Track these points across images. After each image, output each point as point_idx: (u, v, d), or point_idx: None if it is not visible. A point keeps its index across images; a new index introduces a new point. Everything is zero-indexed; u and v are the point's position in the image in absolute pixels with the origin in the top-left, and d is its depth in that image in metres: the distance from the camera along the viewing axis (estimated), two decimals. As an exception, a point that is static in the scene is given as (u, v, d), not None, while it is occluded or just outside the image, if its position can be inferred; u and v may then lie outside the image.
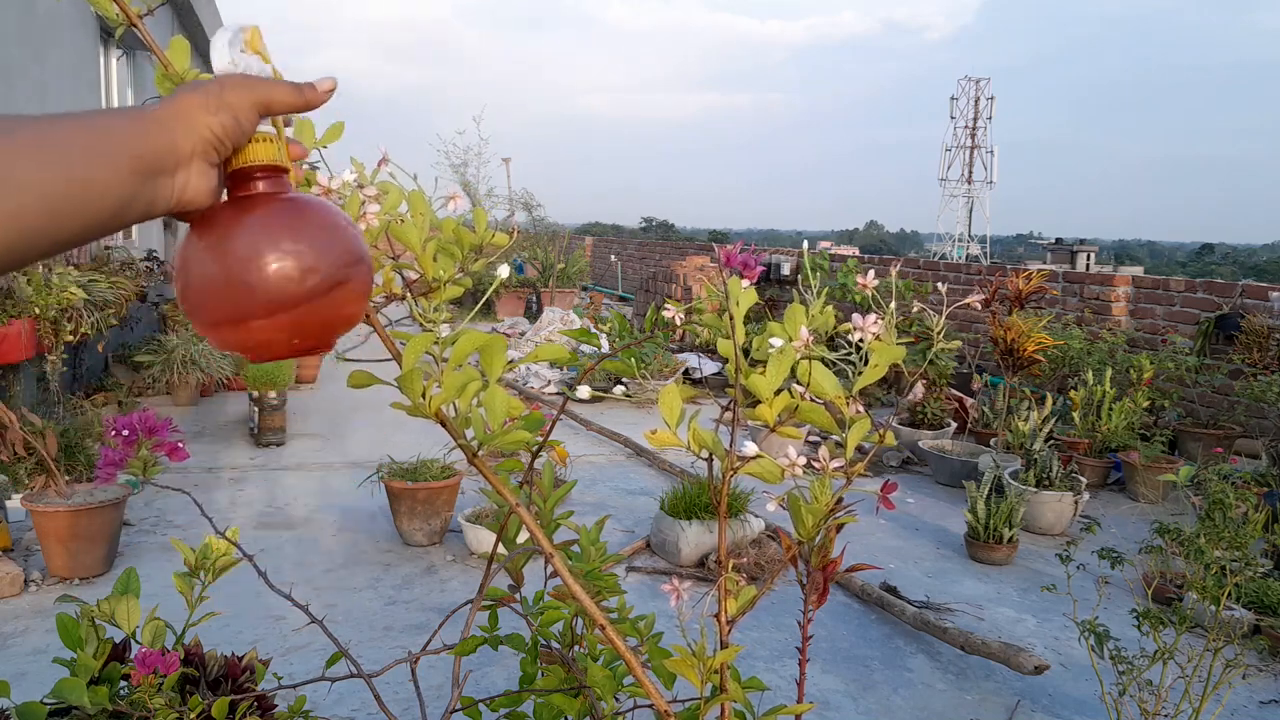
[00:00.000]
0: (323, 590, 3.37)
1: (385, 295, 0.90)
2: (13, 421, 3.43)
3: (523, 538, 1.24)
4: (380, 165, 0.86)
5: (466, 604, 1.11)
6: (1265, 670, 2.96)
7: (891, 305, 0.90)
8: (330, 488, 4.65)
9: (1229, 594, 2.31)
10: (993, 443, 4.97)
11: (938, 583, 3.66)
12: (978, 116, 67.30)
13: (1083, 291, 6.87)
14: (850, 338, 0.87)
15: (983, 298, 1.71)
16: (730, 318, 0.88)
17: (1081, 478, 4.35)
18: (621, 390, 6.86)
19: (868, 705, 2.69)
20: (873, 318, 0.87)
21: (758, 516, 3.81)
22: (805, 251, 1.33)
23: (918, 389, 5.78)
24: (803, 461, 0.87)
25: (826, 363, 0.88)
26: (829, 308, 0.89)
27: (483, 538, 3.64)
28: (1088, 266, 33.55)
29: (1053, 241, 45.38)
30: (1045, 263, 23.73)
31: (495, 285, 0.94)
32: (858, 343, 0.88)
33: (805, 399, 0.87)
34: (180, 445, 1.32)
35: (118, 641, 1.34)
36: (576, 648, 1.25)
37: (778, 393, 0.87)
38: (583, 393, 0.93)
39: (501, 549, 1.14)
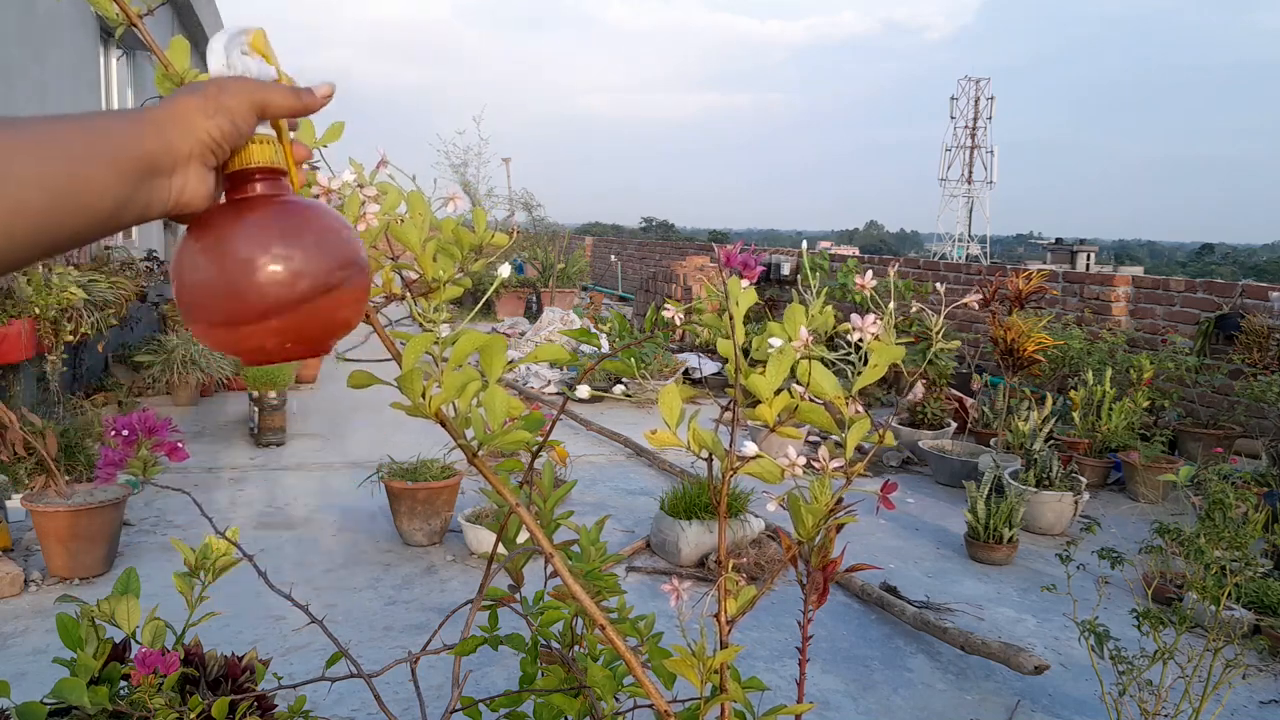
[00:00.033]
0: (323, 590, 3.37)
1: (385, 295, 0.90)
2: (13, 421, 3.43)
3: (523, 538, 1.24)
4: (379, 167, 0.86)
5: (466, 604, 1.11)
6: (1265, 670, 2.96)
7: (891, 305, 0.90)
8: (330, 488, 4.65)
9: (1229, 594, 2.31)
10: (993, 443, 4.97)
11: (938, 583, 3.66)
12: (978, 116, 67.30)
13: (1083, 291, 6.87)
14: (850, 338, 0.87)
15: (981, 297, 1.71)
16: (730, 318, 0.88)
17: (1081, 478, 4.35)
18: (621, 390, 6.86)
19: (868, 705, 2.69)
20: (872, 318, 0.87)
21: (758, 516, 3.81)
22: (805, 251, 1.33)
23: (917, 389, 5.78)
24: (802, 461, 0.87)
25: (826, 363, 0.88)
26: (828, 308, 0.89)
27: (483, 538, 3.64)
28: (1088, 266, 33.53)
29: (1053, 241, 45.34)
30: (1045, 263, 23.73)
31: (495, 285, 0.94)
32: (857, 343, 0.88)
33: (805, 399, 0.87)
34: (180, 445, 1.32)
35: (118, 641, 1.34)
36: (576, 648, 1.25)
37: (777, 393, 0.87)
38: (582, 392, 0.93)
39: (501, 549, 1.14)
